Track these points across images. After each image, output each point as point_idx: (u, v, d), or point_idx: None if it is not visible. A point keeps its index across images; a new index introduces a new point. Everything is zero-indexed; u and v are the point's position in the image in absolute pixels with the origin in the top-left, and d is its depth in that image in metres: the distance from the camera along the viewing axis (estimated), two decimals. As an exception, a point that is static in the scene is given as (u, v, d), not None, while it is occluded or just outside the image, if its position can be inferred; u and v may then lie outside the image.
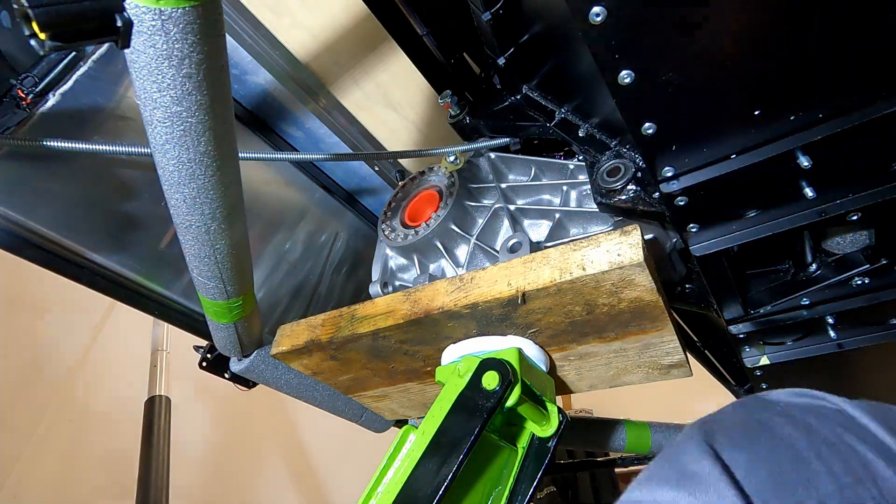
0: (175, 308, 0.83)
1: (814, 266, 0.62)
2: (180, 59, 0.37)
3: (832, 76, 0.37)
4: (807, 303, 0.63)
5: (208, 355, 0.96)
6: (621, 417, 1.18)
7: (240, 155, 0.77)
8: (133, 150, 0.64)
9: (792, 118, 0.41)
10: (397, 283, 0.86)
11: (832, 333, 0.68)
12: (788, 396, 0.39)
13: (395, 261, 0.87)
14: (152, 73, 0.37)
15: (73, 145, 0.63)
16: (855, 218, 0.49)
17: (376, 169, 1.09)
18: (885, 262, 0.56)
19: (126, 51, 0.38)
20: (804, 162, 0.43)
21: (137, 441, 1.23)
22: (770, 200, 0.49)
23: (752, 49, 0.36)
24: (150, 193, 0.77)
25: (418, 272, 0.83)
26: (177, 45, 0.36)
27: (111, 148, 0.65)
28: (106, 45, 0.79)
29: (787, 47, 0.36)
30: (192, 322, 0.86)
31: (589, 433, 1.14)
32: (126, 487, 1.18)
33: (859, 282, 0.59)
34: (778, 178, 0.46)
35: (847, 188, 0.46)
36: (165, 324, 1.18)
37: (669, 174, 0.47)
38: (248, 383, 0.99)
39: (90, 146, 0.64)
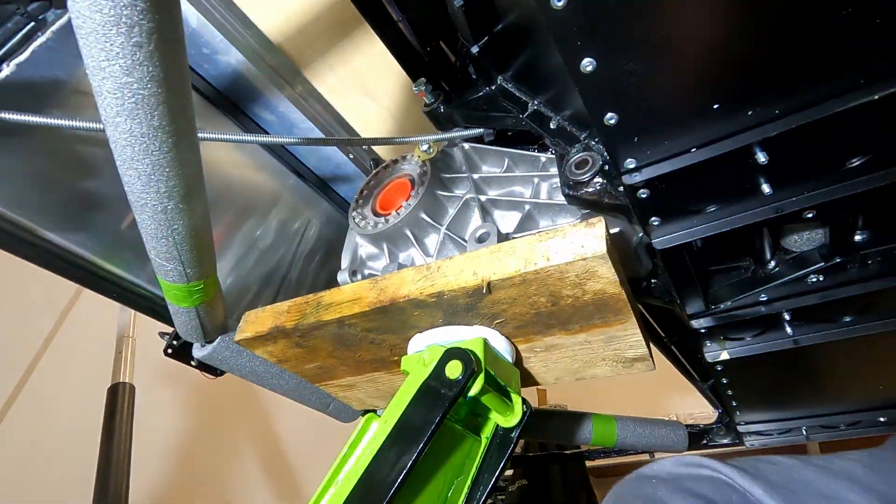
0: (135, 291, 0.81)
1: (772, 263, 0.63)
2: (129, 27, 0.36)
3: (786, 72, 0.38)
4: (765, 299, 0.64)
5: (174, 342, 0.94)
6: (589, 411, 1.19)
7: (209, 135, 0.75)
8: (88, 125, 0.62)
9: (750, 113, 0.41)
10: (367, 271, 0.85)
11: (789, 329, 0.69)
12: (672, 467, 0.42)
13: (365, 249, 0.86)
14: (99, 41, 0.35)
15: (25, 118, 0.60)
16: (810, 216, 0.50)
17: (351, 156, 1.07)
18: (838, 260, 0.58)
19: (72, 15, 0.37)
20: (761, 158, 0.44)
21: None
22: (729, 195, 0.50)
23: (709, 43, 0.36)
24: (111, 172, 0.74)
25: (388, 261, 0.83)
26: (125, 12, 0.35)
27: (66, 122, 0.62)
28: (67, 16, 0.76)
29: (742, 42, 0.36)
30: (154, 307, 0.84)
31: (555, 425, 1.15)
32: (86, 476, 1.15)
33: (814, 279, 0.61)
34: (736, 173, 0.47)
35: (802, 185, 0.47)
36: (132, 310, 1.15)
37: (632, 166, 0.47)
38: (215, 371, 0.97)
39: (44, 119, 0.61)
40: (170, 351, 0.94)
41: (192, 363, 0.93)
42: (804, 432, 1.05)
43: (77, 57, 0.79)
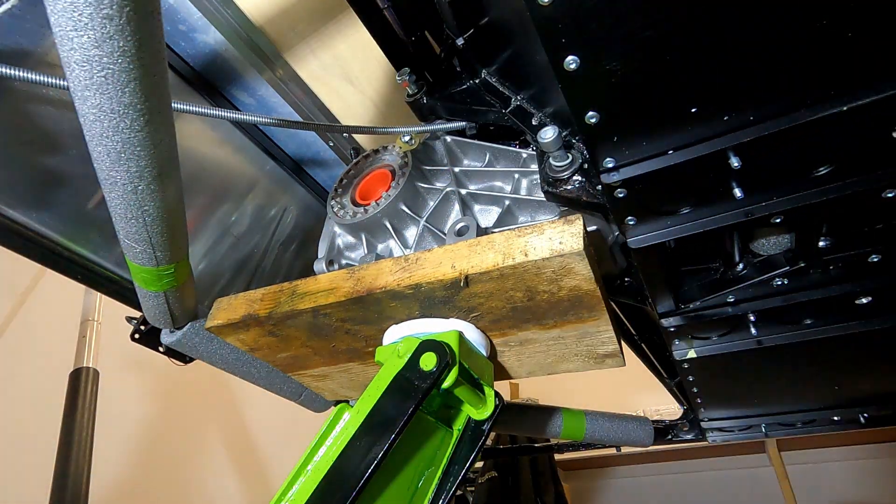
0: (102, 273, 0.78)
1: (741, 266, 0.65)
2: (100, -3, 0.34)
3: (761, 80, 0.39)
4: (732, 300, 0.67)
5: (142, 327, 0.92)
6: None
7: (180, 106, 0.72)
8: (55, 81, 0.58)
9: (725, 118, 0.42)
10: (344, 261, 0.84)
11: (753, 330, 0.72)
12: None
13: (343, 239, 0.85)
14: (67, 9, 0.34)
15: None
16: (777, 221, 0.52)
17: (331, 144, 1.06)
18: (802, 264, 0.60)
19: (39, -19, 0.35)
20: (734, 162, 0.45)
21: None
22: (703, 198, 0.51)
23: (689, 48, 0.37)
24: (79, 148, 0.71)
25: (366, 251, 0.82)
26: (96, -20, 0.33)
27: (30, 76, 0.58)
28: (34, -17, 0.72)
29: (720, 49, 0.37)
30: (121, 290, 0.81)
31: (526, 419, 1.16)
32: (44, 464, 1.11)
33: (779, 282, 0.63)
34: (711, 176, 0.48)
35: (772, 191, 0.49)
36: (99, 293, 1.11)
37: (610, 165, 0.48)
38: (184, 357, 0.95)
39: (9, 70, 0.57)
40: (137, 336, 0.92)
41: (161, 349, 0.91)
42: (763, 429, 1.09)
43: (44, 26, 0.76)
